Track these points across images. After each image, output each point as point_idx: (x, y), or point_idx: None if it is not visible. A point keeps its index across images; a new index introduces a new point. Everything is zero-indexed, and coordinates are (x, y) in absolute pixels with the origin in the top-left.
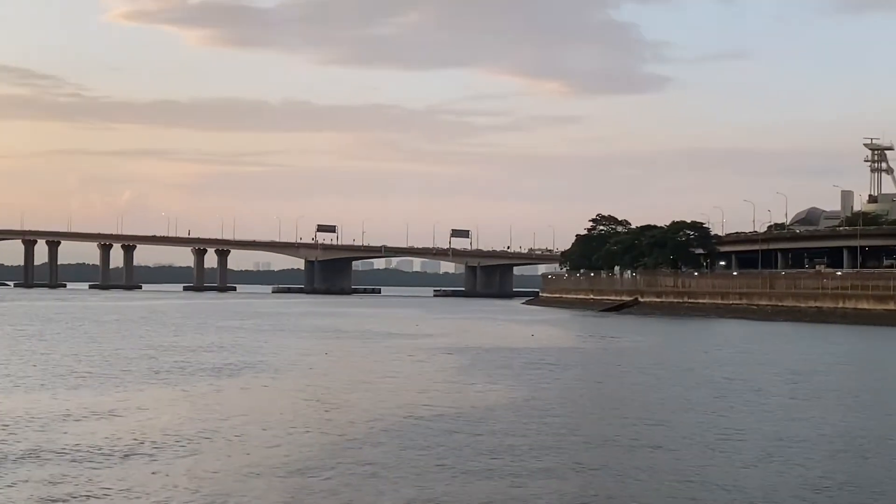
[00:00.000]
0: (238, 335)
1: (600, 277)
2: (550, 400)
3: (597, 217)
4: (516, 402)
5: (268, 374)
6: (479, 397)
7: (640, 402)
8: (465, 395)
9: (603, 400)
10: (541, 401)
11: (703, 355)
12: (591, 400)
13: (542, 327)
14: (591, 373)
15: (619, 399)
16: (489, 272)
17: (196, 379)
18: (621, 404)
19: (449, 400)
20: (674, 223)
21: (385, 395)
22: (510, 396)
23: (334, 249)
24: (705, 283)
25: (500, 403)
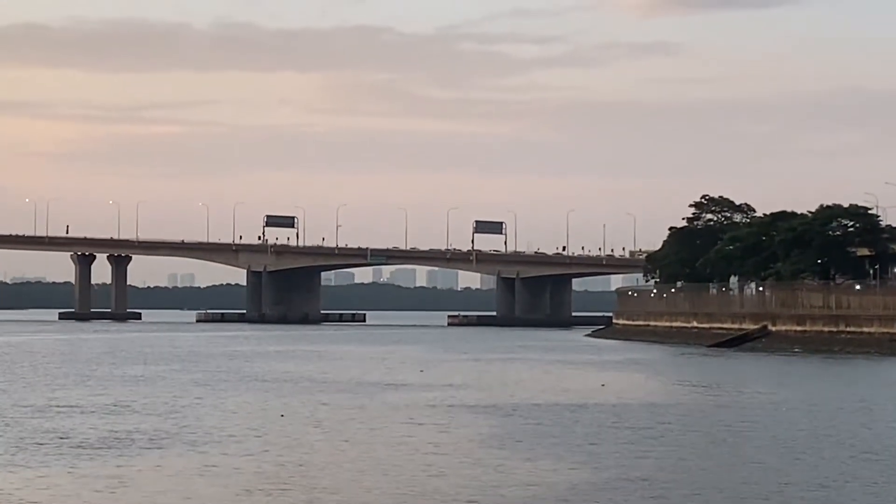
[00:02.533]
0: (145, 389)
1: (709, 294)
2: (634, 491)
3: (702, 200)
4: (580, 494)
5: (188, 449)
6: (519, 490)
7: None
8: (495, 483)
9: (726, 497)
10: (619, 490)
11: (884, 418)
12: (705, 493)
13: (619, 373)
14: (699, 447)
15: (757, 497)
16: (534, 287)
17: (77, 457)
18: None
19: (469, 493)
20: (823, 208)
21: (368, 485)
22: (569, 484)
23: (293, 254)
24: (873, 301)
25: (553, 496)
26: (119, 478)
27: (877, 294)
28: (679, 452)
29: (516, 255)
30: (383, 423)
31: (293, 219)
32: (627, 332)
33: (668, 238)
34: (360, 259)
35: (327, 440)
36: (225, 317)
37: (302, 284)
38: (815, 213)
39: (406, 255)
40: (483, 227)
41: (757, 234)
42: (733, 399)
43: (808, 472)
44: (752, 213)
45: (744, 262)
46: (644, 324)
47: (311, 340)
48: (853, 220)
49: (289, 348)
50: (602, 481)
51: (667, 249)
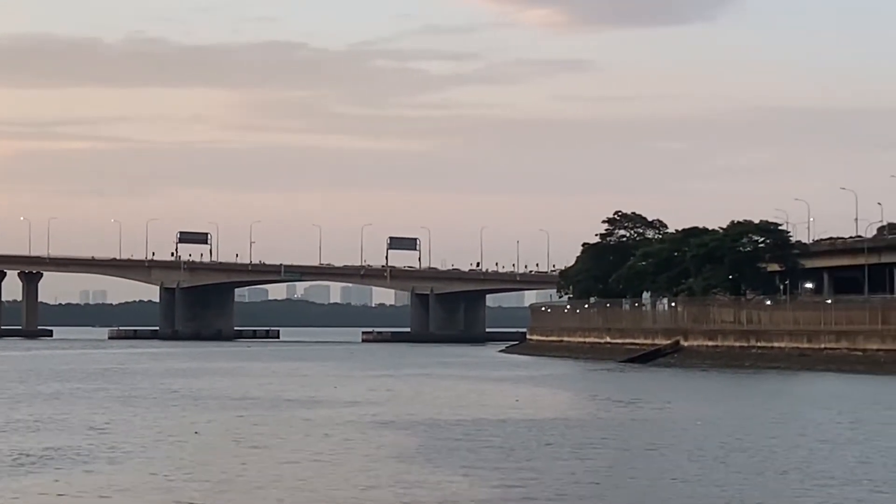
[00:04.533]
0: (58, 407)
1: (621, 310)
2: None
3: (615, 216)
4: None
5: (99, 466)
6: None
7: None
8: (408, 498)
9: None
10: None
11: (794, 433)
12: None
13: (533, 388)
14: (613, 462)
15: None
16: (449, 304)
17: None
18: None
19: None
20: (734, 224)
21: (280, 500)
22: (482, 499)
23: (206, 271)
24: (783, 316)
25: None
26: (22, 494)
27: (787, 309)
28: (592, 467)
29: (430, 271)
30: (297, 439)
31: (206, 235)
32: (541, 347)
33: (581, 254)
34: (274, 275)
35: (240, 456)
36: (138, 333)
37: (215, 301)
38: (726, 229)
39: (320, 272)
40: (397, 243)
41: (669, 250)
42: (646, 414)
43: (719, 486)
44: (665, 229)
45: (656, 278)
46: (557, 339)
47: (225, 357)
48: (764, 236)
49: (202, 365)
50: (515, 496)
51: (580, 265)
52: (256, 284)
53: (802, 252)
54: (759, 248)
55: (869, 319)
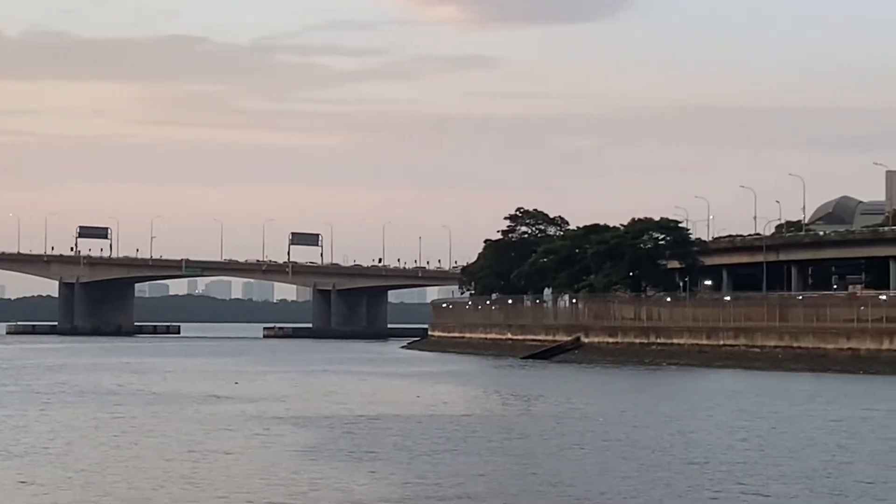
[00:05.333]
0: None
1: (523, 306)
2: (446, 502)
3: (517, 213)
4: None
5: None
6: (332, 502)
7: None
8: (308, 494)
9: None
10: (431, 501)
11: (699, 429)
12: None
13: (434, 385)
14: (512, 458)
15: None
16: (351, 300)
17: None
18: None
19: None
20: (634, 222)
21: (178, 496)
22: (381, 495)
23: (106, 266)
24: (683, 313)
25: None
26: None
27: (686, 306)
28: (494, 463)
29: (333, 267)
30: (197, 436)
31: (107, 230)
32: (443, 343)
33: (483, 251)
34: (175, 271)
35: (139, 452)
36: (36, 329)
37: (115, 296)
38: (627, 226)
39: (221, 267)
40: (299, 238)
41: (570, 247)
42: (547, 410)
43: (619, 481)
44: (566, 226)
45: (557, 275)
46: (459, 336)
47: (124, 352)
48: (664, 234)
49: (101, 360)
50: (416, 493)
51: (482, 262)
52: (157, 280)
53: (702, 249)
54: (660, 246)
55: (767, 316)
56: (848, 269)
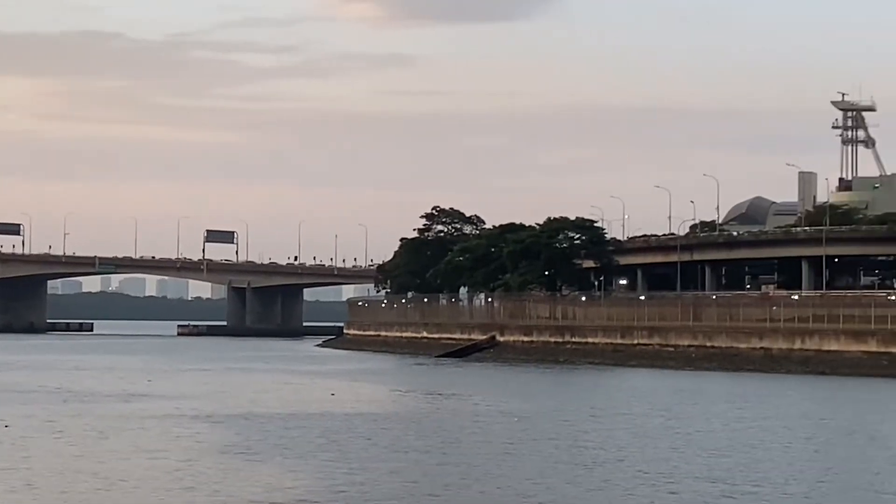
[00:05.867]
0: None
1: (439, 305)
2: (360, 499)
3: (433, 211)
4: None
5: None
6: (246, 500)
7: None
8: (222, 492)
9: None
10: (345, 498)
11: (613, 427)
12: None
13: (350, 383)
14: (426, 455)
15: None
16: (266, 298)
17: None
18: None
19: (194, 502)
20: (550, 221)
21: (93, 495)
22: (296, 493)
23: (19, 262)
24: (598, 312)
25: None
26: None
27: (601, 306)
28: (408, 461)
29: (248, 264)
30: (109, 434)
31: (19, 226)
32: (358, 342)
33: (399, 249)
34: (89, 268)
35: (53, 450)
36: None
37: (27, 293)
38: (542, 225)
39: (136, 264)
40: (214, 236)
41: (486, 246)
42: (461, 408)
43: (533, 479)
44: (482, 225)
45: (473, 274)
46: (375, 334)
47: (37, 350)
48: (579, 233)
49: (13, 358)
50: (331, 490)
51: (398, 260)
52: (70, 277)
53: (617, 249)
54: (575, 245)
55: (681, 316)
56: (761, 269)
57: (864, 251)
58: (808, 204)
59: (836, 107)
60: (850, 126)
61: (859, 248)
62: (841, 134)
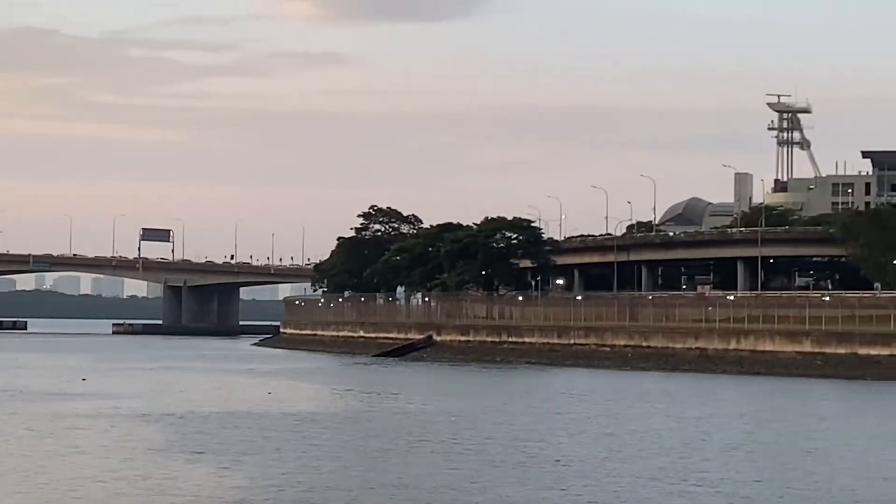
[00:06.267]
0: None
1: (376, 304)
2: (294, 497)
3: (371, 210)
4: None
5: None
6: (180, 498)
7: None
8: (156, 490)
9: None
10: (279, 496)
11: (549, 426)
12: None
13: (286, 382)
14: (362, 455)
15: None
16: (202, 296)
17: None
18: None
19: (128, 501)
20: (487, 221)
21: (26, 493)
22: (231, 492)
23: None
24: (534, 312)
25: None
26: None
27: (538, 305)
28: (343, 460)
29: (184, 263)
30: (43, 432)
31: None
32: (295, 341)
33: (336, 248)
34: (23, 265)
35: None
36: None
37: None
38: (480, 225)
39: (70, 262)
40: (150, 234)
41: (423, 246)
42: (397, 407)
43: (469, 478)
44: (420, 224)
45: (410, 273)
46: (311, 333)
47: None
48: (517, 233)
49: None
50: (266, 488)
51: (335, 259)
52: (4, 275)
53: (554, 249)
54: (512, 245)
55: (617, 316)
56: (697, 269)
57: (799, 252)
58: (744, 205)
59: (772, 108)
60: (785, 128)
61: (794, 250)
62: (777, 135)
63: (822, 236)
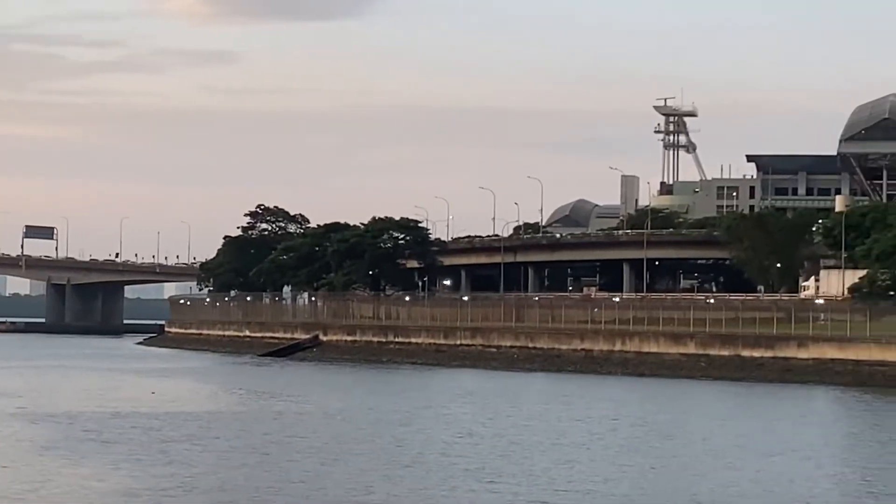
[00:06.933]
0: None
1: (262, 304)
2: (177, 498)
3: (258, 210)
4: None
5: None
6: (62, 497)
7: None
8: (36, 490)
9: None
10: (162, 497)
11: (434, 427)
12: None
13: (170, 381)
14: (245, 455)
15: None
16: (86, 295)
17: None
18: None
19: (8, 500)
20: (375, 220)
21: None
22: (113, 492)
23: None
24: (421, 313)
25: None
26: None
27: (425, 306)
28: (227, 459)
29: (68, 261)
30: None
31: None
32: (180, 340)
33: (222, 247)
34: None
35: None
36: None
37: None
38: (367, 225)
39: None
40: (33, 231)
41: (310, 245)
42: (282, 408)
43: (353, 477)
44: (307, 223)
45: (297, 273)
46: (197, 332)
47: None
48: (404, 233)
49: None
50: (149, 488)
51: (221, 258)
52: None
53: (441, 250)
54: (400, 245)
55: (503, 317)
56: (583, 270)
57: (684, 255)
58: (630, 207)
59: (659, 112)
60: (671, 131)
61: (679, 252)
62: (663, 139)
63: (706, 239)
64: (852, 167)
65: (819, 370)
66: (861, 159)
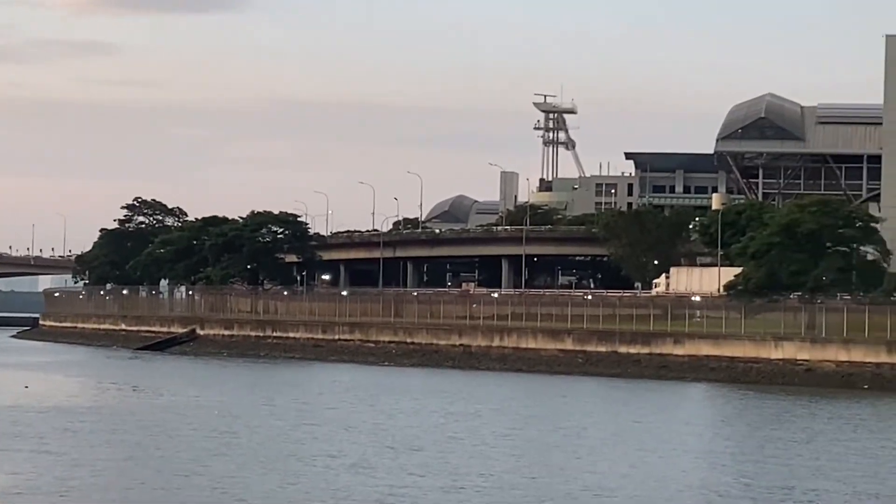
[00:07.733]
0: None
1: (138, 297)
2: (52, 494)
3: (135, 202)
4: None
5: None
6: None
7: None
8: None
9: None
10: (33, 494)
11: (310, 420)
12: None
13: (45, 375)
14: (119, 449)
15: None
16: None
17: None
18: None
19: None
20: (254, 214)
21: None
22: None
23: None
24: (300, 307)
25: None
26: None
27: (303, 300)
28: (103, 454)
29: None
30: None
31: None
32: (55, 333)
33: (98, 239)
34: None
35: None
36: None
37: None
38: (246, 219)
39: None
40: None
41: (188, 239)
42: (157, 401)
43: (231, 475)
44: (185, 217)
45: (175, 266)
46: (72, 326)
47: None
48: (283, 227)
49: None
50: (20, 484)
51: (97, 251)
52: None
53: (320, 244)
54: (278, 239)
55: (382, 312)
56: (463, 266)
57: (563, 251)
58: (510, 203)
59: (539, 108)
60: (551, 128)
61: (558, 248)
62: (542, 135)
63: (585, 236)
64: (729, 166)
65: (694, 367)
66: (737, 158)
